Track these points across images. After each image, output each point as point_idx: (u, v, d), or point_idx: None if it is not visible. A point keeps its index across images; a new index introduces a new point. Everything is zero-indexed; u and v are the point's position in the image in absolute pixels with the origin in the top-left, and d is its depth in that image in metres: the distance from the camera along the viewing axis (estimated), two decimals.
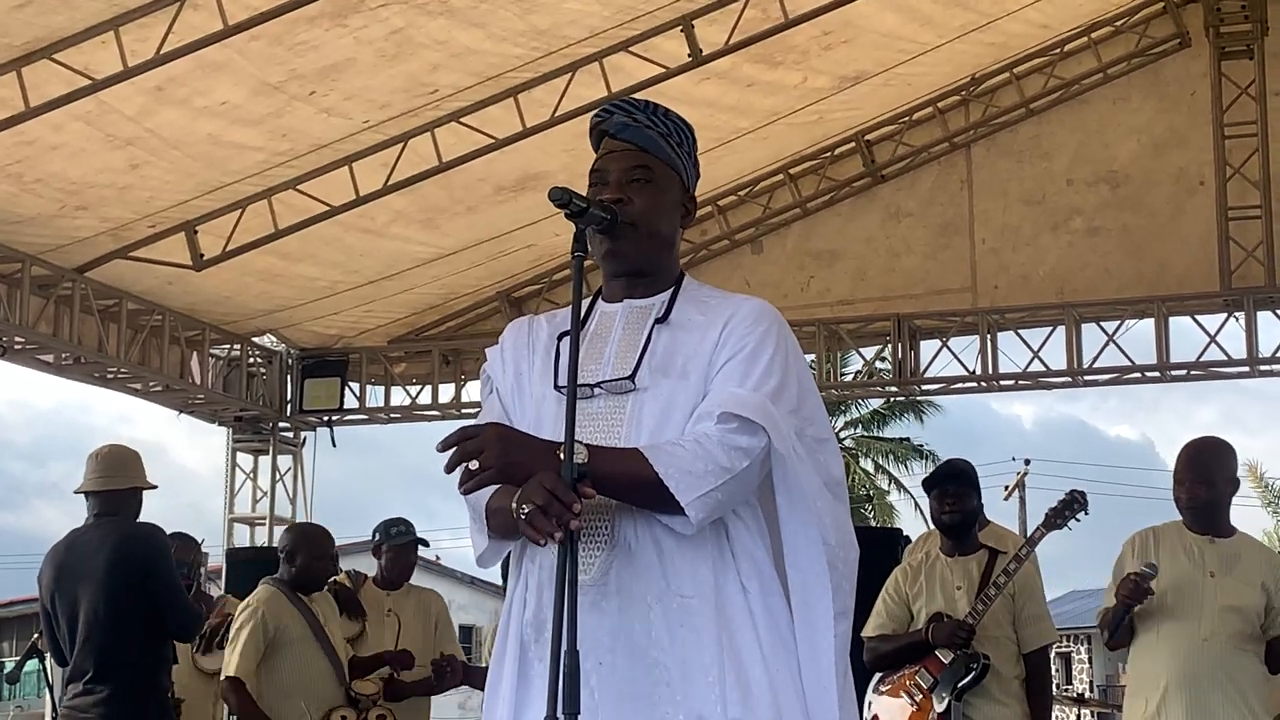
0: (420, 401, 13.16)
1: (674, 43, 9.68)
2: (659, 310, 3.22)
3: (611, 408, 3.10)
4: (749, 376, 3.09)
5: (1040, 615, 6.76)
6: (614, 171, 3.23)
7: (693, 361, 3.14)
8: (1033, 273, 11.74)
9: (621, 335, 3.19)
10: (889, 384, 12.99)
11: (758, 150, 11.62)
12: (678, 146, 3.30)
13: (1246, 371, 11.54)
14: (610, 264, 3.26)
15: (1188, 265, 11.36)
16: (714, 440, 3.00)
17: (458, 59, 9.23)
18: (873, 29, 10.33)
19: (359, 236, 11.00)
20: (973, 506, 6.89)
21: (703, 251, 12.38)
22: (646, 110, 3.30)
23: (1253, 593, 6.10)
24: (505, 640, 3.20)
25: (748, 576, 3.09)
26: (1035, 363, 11.87)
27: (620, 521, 3.05)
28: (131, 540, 6.73)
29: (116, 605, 6.62)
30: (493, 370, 3.36)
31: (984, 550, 6.82)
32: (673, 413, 3.09)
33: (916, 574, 6.83)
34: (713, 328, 3.17)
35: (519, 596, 3.18)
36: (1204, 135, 11.28)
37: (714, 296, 3.28)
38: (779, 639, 3.08)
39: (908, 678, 6.71)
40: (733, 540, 3.10)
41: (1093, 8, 11.31)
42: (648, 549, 3.04)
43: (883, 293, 12.03)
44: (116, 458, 6.94)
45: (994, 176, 11.88)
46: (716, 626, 3.03)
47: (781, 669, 3.06)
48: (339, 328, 12.74)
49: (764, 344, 3.13)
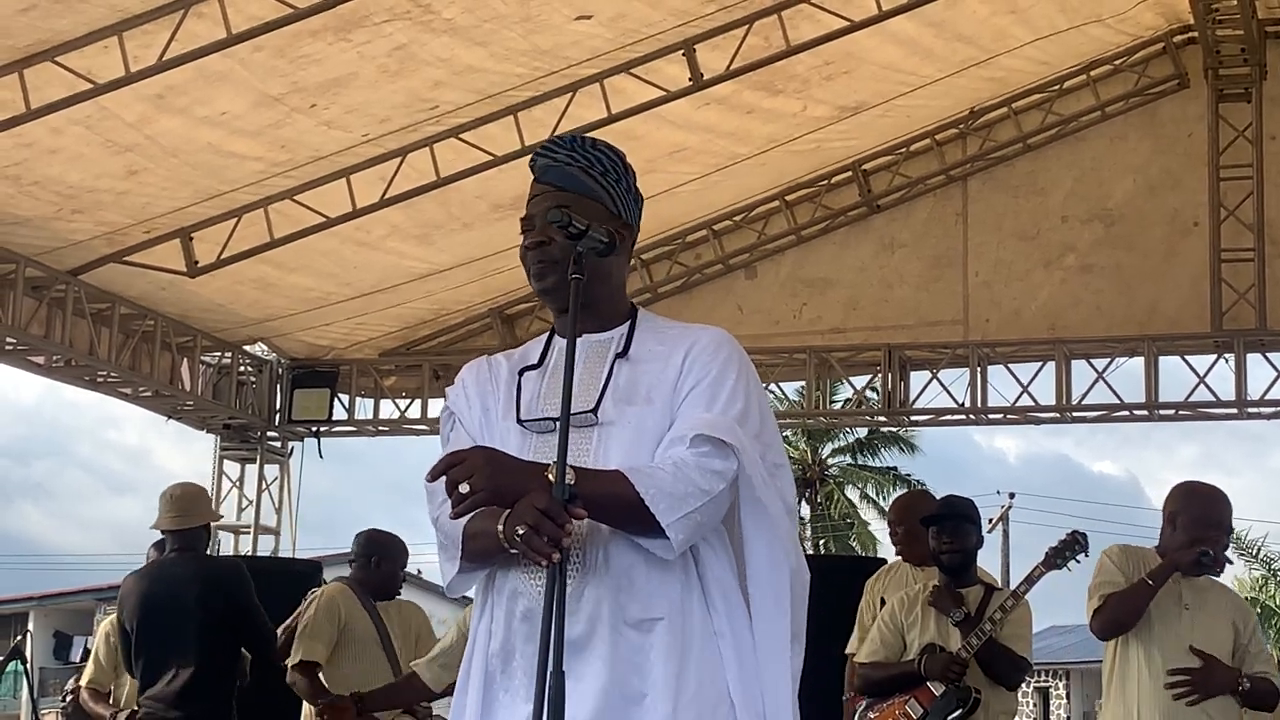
0: (409, 415, 13.16)
1: (675, 66, 9.71)
2: (618, 345, 3.25)
3: (575, 441, 3.08)
4: (715, 401, 3.13)
5: (1022, 644, 6.80)
6: (537, 216, 3.24)
7: (656, 390, 3.17)
8: (1024, 308, 11.77)
9: (582, 369, 3.18)
10: (878, 414, 13.01)
11: (755, 176, 11.65)
12: (601, 176, 3.28)
13: (1234, 413, 11.58)
14: (548, 302, 3.32)
15: (1179, 305, 11.39)
16: (690, 464, 3.04)
17: (459, 76, 9.25)
18: (873, 60, 10.37)
19: (354, 249, 11.02)
20: (972, 544, 6.94)
21: (696, 275, 12.41)
22: (570, 147, 3.30)
23: (1224, 630, 6.10)
24: (469, 671, 3.21)
25: (714, 597, 3.13)
26: (1024, 398, 11.89)
27: (590, 545, 3.07)
28: (219, 576, 7.59)
29: (205, 632, 7.34)
30: (456, 406, 3.36)
31: (980, 585, 6.87)
32: (642, 439, 3.13)
33: (913, 605, 6.87)
34: (674, 355, 3.20)
35: (484, 628, 3.20)
36: (1199, 176, 11.31)
37: (671, 327, 3.32)
38: (741, 661, 3.12)
39: (898, 706, 6.76)
40: (700, 563, 3.14)
41: (1092, 47, 11.34)
42: (618, 572, 3.07)
43: (874, 322, 12.05)
44: (191, 498, 7.66)
45: (989, 210, 11.91)
46: (685, 648, 3.06)
47: (744, 691, 3.10)
48: (330, 339, 12.75)
49: (727, 370, 3.18)
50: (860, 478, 40.58)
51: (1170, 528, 6.19)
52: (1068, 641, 42.16)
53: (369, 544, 7.66)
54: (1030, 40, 10.78)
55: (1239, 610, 6.18)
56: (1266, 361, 11.33)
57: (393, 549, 7.62)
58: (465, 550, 3.13)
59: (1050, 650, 41.90)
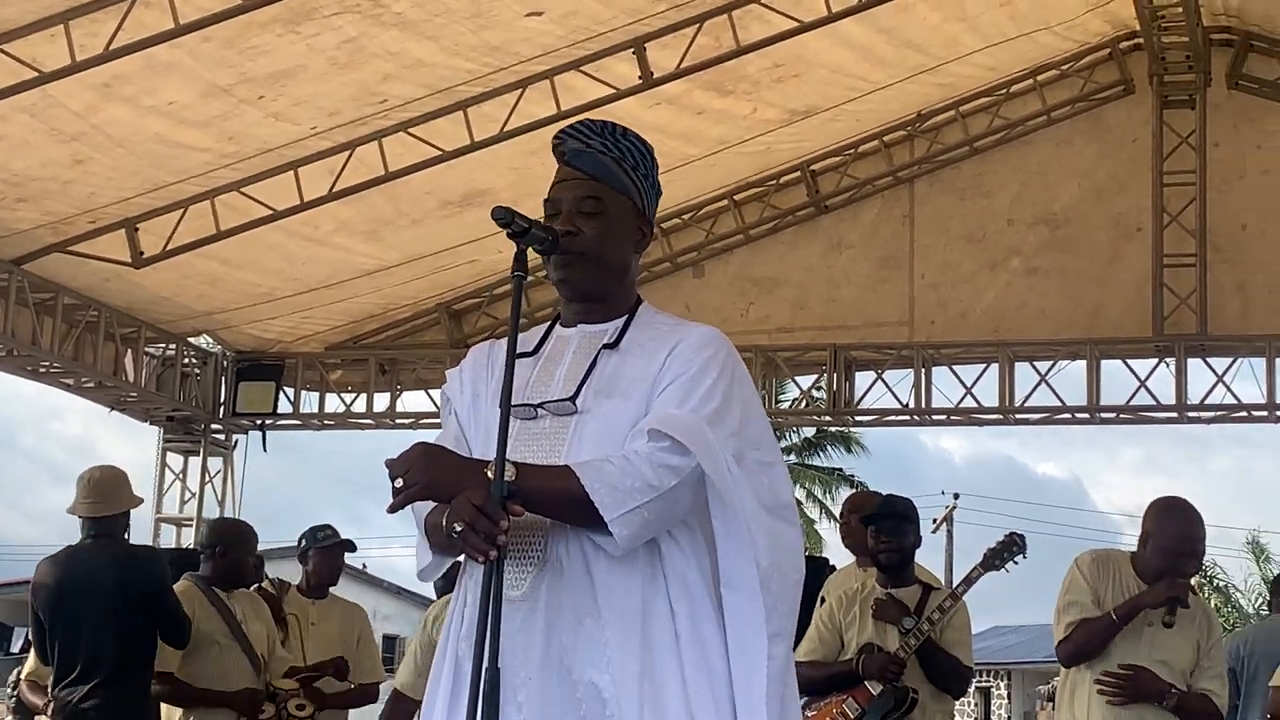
0: (355, 409, 13.12)
1: (625, 65, 9.72)
2: (611, 336, 3.25)
3: (555, 428, 3.13)
4: (689, 399, 3.12)
5: (963, 649, 6.83)
6: (566, 201, 3.24)
7: (636, 384, 3.17)
8: (970, 309, 11.84)
9: (572, 359, 3.22)
10: (823, 413, 13.06)
11: (704, 176, 11.66)
12: (632, 170, 3.30)
13: (1174, 417, 11.67)
14: (563, 290, 3.30)
15: (1122, 310, 11.49)
16: (644, 458, 3.03)
17: (409, 70, 9.23)
18: (824, 64, 10.40)
19: (301, 244, 10.98)
20: (910, 544, 6.96)
21: (645, 274, 12.40)
22: (603, 134, 3.30)
23: (1187, 648, 6.11)
24: (444, 656, 3.22)
25: (677, 598, 3.11)
26: (968, 399, 11.96)
27: (552, 539, 3.07)
28: (135, 564, 7.29)
29: (123, 620, 7.10)
30: (451, 392, 3.38)
31: (919, 585, 6.88)
32: (614, 432, 3.12)
33: (851, 603, 6.87)
34: (660, 351, 3.20)
35: (456, 611, 3.21)
36: (1144, 182, 11.41)
37: (666, 323, 3.31)
38: (702, 662, 3.09)
39: (835, 705, 6.76)
40: (665, 561, 3.12)
41: (1040, 52, 11.41)
42: (578, 567, 3.07)
43: (821, 322, 12.10)
44: (110, 483, 7.34)
45: (936, 213, 11.97)
46: (645, 645, 3.06)
47: (702, 691, 3.08)
48: (276, 332, 12.70)
49: (708, 368, 3.17)
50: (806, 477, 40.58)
51: (1144, 547, 6.21)
52: (1009, 642, 42.43)
53: (211, 534, 7.66)
54: (980, 48, 10.83)
55: (1204, 628, 6.17)
56: (1206, 366, 11.42)
57: (236, 537, 7.59)
58: (430, 542, 3.16)
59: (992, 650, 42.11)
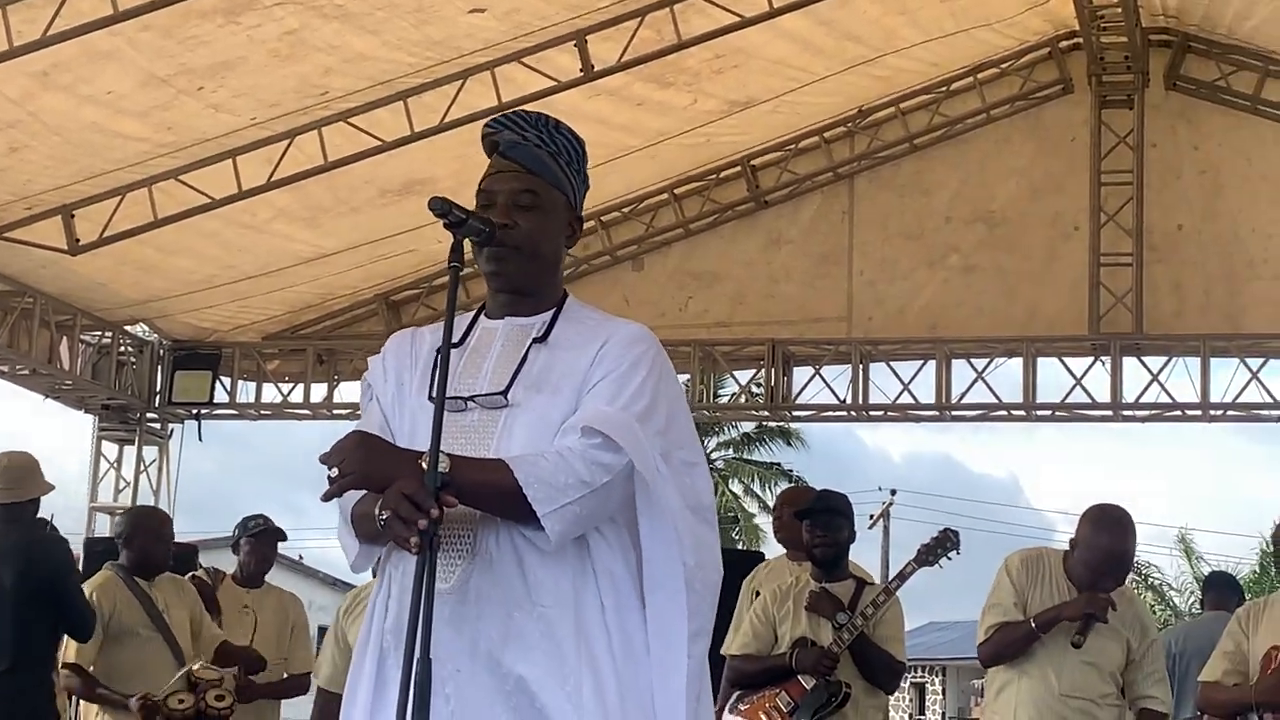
0: (292, 399, 13.07)
1: (567, 57, 9.72)
2: (539, 330, 3.25)
3: (484, 422, 3.13)
4: (619, 396, 3.13)
5: (896, 645, 6.86)
6: (501, 194, 3.25)
7: (567, 379, 3.17)
8: (908, 306, 11.88)
9: (500, 351, 3.22)
10: (761, 408, 13.07)
11: (644, 168, 11.67)
12: (566, 165, 3.33)
13: (1110, 415, 11.76)
14: (494, 282, 3.30)
15: (1059, 308, 11.56)
16: (576, 454, 3.04)
17: (350, 64, 9.20)
18: (764, 56, 10.43)
19: (239, 231, 10.92)
20: (844, 538, 6.97)
21: (584, 266, 12.40)
22: (538, 127, 3.32)
23: (1115, 649, 6.16)
24: (366, 647, 3.21)
25: (605, 592, 3.12)
26: (905, 395, 12.02)
27: (482, 532, 3.07)
28: (38, 552, 7.04)
29: (20, 609, 6.88)
30: (374, 379, 3.37)
31: (852, 580, 6.90)
32: (545, 427, 3.13)
33: (785, 598, 6.88)
34: (590, 347, 3.21)
35: (380, 602, 3.21)
36: (1081, 181, 11.48)
37: (595, 319, 3.32)
38: (630, 655, 3.11)
39: (768, 699, 6.77)
40: (593, 556, 3.13)
41: (980, 50, 11.47)
42: (509, 560, 3.07)
43: (760, 317, 12.12)
44: (17, 470, 7.14)
45: (875, 209, 12.01)
46: (575, 638, 3.07)
47: (631, 685, 3.10)
48: (213, 321, 12.63)
49: (638, 366, 3.19)
50: (745, 472, 40.68)
51: (1073, 551, 6.28)
52: (945, 638, 42.64)
53: (122, 522, 7.63)
54: (919, 42, 10.88)
55: (1137, 627, 6.22)
56: (1142, 365, 11.51)
57: (144, 524, 7.52)
58: (358, 531, 3.16)
59: (927, 646, 42.36)
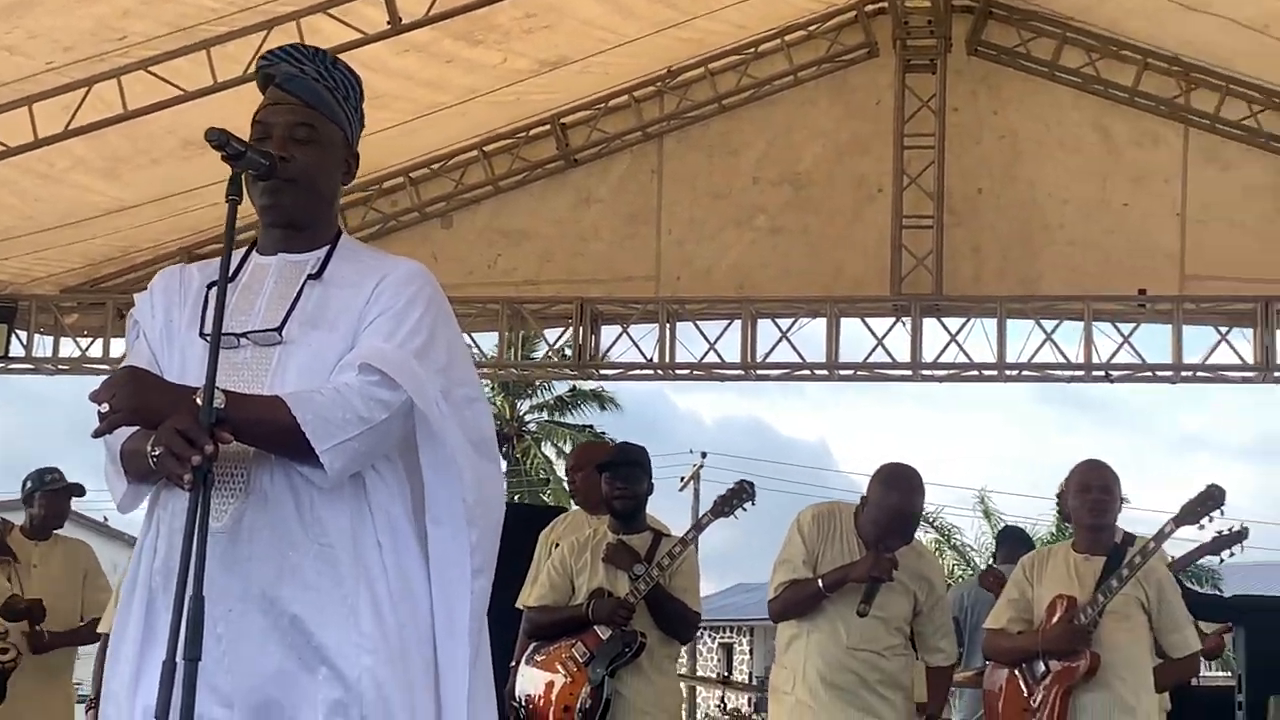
0: (91, 354, 12.78)
1: (374, 9, 9.60)
2: (313, 266, 3.24)
3: (257, 359, 3.11)
4: (396, 333, 3.14)
5: (691, 595, 6.94)
6: (278, 126, 3.23)
7: (343, 316, 3.17)
8: (715, 266, 11.96)
9: (273, 288, 3.20)
10: (568, 367, 13.09)
11: (454, 125, 11.59)
12: (344, 101, 3.30)
13: (910, 375, 11.95)
14: (267, 216, 3.27)
15: (863, 269, 11.70)
16: (354, 391, 3.04)
17: (149, 6, 8.98)
18: (575, 16, 10.39)
19: (35, 181, 10.63)
20: (643, 490, 7.06)
21: (392, 223, 12.32)
22: (315, 60, 3.30)
23: (904, 601, 6.32)
24: (134, 587, 3.17)
25: (382, 532, 3.13)
26: (711, 355, 12.10)
27: (257, 470, 3.05)
28: None
29: None
30: (141, 316, 3.33)
31: (650, 531, 6.99)
32: (320, 364, 3.12)
33: (582, 550, 6.94)
34: (366, 284, 3.21)
35: (149, 544, 3.17)
36: (886, 144, 11.61)
37: (371, 256, 3.32)
38: (406, 593, 3.13)
39: (564, 650, 6.82)
40: (370, 496, 3.14)
41: (788, 12, 11.56)
42: (284, 498, 3.06)
43: (568, 275, 12.12)
44: None
45: (684, 169, 12.06)
46: (355, 576, 3.07)
47: (406, 623, 3.11)
48: (9, 274, 12.30)
49: (414, 303, 3.18)
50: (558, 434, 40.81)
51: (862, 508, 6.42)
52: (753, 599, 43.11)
53: None
54: (729, 4, 10.92)
55: (923, 580, 6.39)
56: (941, 326, 11.72)
57: None
58: (125, 469, 3.11)
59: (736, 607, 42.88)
